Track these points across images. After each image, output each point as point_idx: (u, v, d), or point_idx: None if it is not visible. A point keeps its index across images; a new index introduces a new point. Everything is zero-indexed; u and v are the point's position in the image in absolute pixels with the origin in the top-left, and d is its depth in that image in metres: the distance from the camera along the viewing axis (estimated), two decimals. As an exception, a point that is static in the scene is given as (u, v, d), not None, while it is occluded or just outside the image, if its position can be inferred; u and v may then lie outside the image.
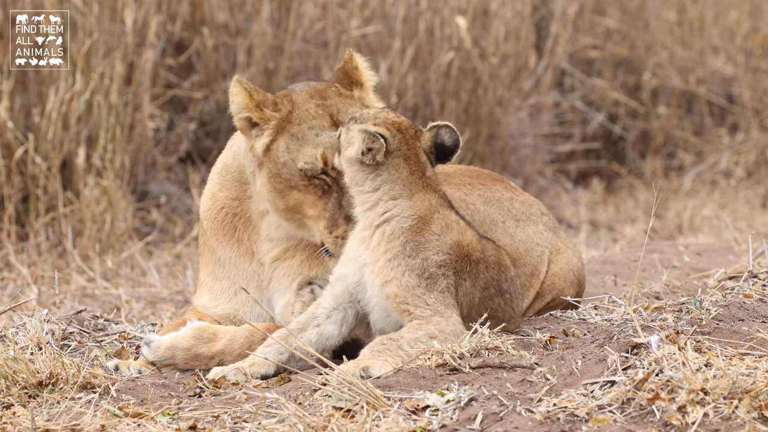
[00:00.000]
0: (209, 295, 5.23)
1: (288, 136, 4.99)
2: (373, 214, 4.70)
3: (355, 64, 5.16)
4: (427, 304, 4.61)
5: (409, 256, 4.63)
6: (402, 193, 4.70)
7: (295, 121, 4.99)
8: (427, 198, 4.71)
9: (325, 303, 4.75)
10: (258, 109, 5.00)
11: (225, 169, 5.23)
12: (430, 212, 4.69)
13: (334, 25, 9.61)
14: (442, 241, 4.66)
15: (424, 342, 4.58)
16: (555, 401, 4.16)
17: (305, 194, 4.98)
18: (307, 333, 4.71)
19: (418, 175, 4.72)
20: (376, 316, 4.70)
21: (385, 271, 4.62)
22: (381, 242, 4.66)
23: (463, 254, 4.68)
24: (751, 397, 4.02)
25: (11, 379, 4.59)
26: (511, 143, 10.39)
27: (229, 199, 5.21)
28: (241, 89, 5.01)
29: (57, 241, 8.30)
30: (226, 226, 5.21)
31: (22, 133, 8.35)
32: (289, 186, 4.98)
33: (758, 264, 5.97)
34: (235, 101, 5.03)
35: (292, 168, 4.97)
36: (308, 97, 5.04)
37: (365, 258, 4.68)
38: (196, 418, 4.35)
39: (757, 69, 11.65)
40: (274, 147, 4.99)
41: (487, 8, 10.22)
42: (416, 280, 4.61)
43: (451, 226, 4.70)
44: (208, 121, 9.56)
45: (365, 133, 4.65)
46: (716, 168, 11.39)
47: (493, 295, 4.77)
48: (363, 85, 5.15)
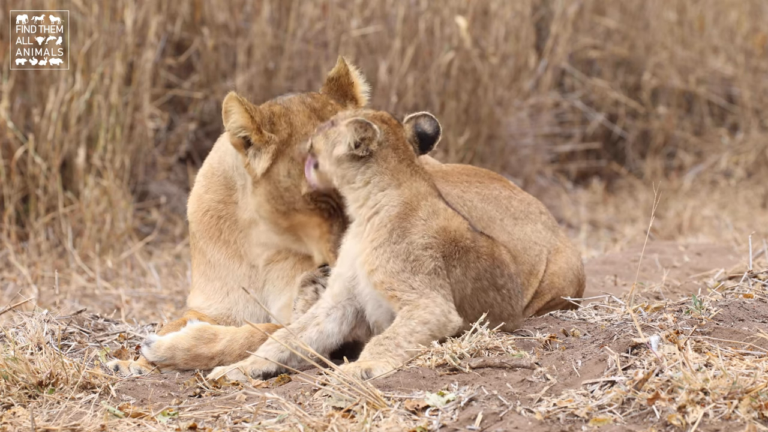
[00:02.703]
0: (202, 296, 5.22)
1: (288, 161, 4.93)
2: (365, 209, 4.71)
3: (351, 79, 5.08)
4: (413, 287, 4.60)
5: (394, 242, 4.64)
6: (391, 182, 4.71)
7: (294, 145, 4.94)
8: (415, 186, 4.72)
9: (324, 303, 4.76)
10: (258, 131, 4.91)
11: (211, 172, 5.20)
12: (417, 199, 4.70)
13: (334, 25, 9.61)
14: (428, 225, 4.67)
15: (419, 331, 4.57)
16: (555, 401, 4.17)
17: (310, 216, 4.94)
18: (308, 332, 4.71)
19: (407, 164, 4.74)
20: (370, 308, 4.70)
21: (371, 260, 4.63)
22: (370, 233, 4.67)
23: (450, 239, 4.68)
24: (751, 397, 4.02)
25: (11, 379, 4.59)
26: (511, 143, 10.39)
27: (214, 201, 5.18)
28: (241, 108, 4.89)
29: (57, 241, 8.30)
30: (212, 228, 5.19)
31: (22, 133, 8.35)
32: (292, 208, 4.94)
33: (758, 264, 5.97)
34: (233, 119, 4.92)
35: (295, 192, 4.93)
36: (306, 118, 4.97)
37: (357, 251, 4.69)
38: (196, 418, 4.36)
39: (757, 69, 11.65)
40: (274, 170, 4.93)
41: (487, 8, 10.22)
42: (401, 265, 4.61)
43: (438, 213, 4.70)
44: (208, 121, 9.56)
45: (355, 124, 4.66)
46: (716, 168, 11.39)
47: (486, 288, 4.75)
48: (358, 101, 5.09)
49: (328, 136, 4.74)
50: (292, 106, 5.01)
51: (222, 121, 5.00)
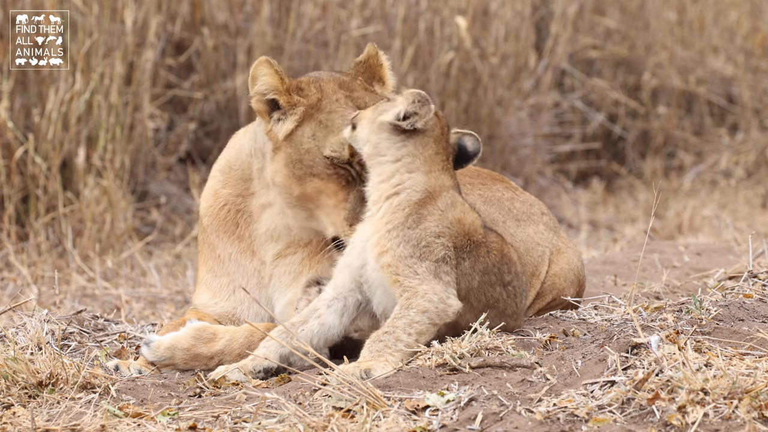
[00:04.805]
0: (208, 292, 5.22)
1: (315, 123, 4.96)
2: (387, 185, 4.71)
3: (380, 60, 5.14)
4: (417, 273, 4.59)
5: (409, 227, 4.64)
6: (420, 167, 4.71)
7: (324, 109, 4.97)
8: (442, 178, 4.73)
9: (325, 294, 4.76)
10: (287, 93, 4.97)
11: (228, 167, 5.22)
12: (440, 190, 4.70)
13: (334, 25, 9.61)
14: (444, 215, 4.67)
15: (418, 321, 4.56)
16: (555, 401, 4.17)
17: (327, 182, 4.95)
18: (309, 324, 4.71)
19: (441, 158, 4.75)
20: (378, 296, 4.68)
21: (382, 242, 4.63)
22: (386, 214, 4.67)
23: (463, 231, 4.69)
24: (751, 397, 4.02)
25: (11, 379, 4.59)
26: (511, 143, 10.39)
27: (232, 195, 5.20)
28: (272, 71, 4.96)
29: (57, 241, 8.30)
30: (228, 222, 5.20)
31: (22, 133, 8.35)
32: (310, 173, 4.95)
33: (758, 264, 5.97)
34: (263, 81, 4.98)
35: (316, 155, 4.94)
36: (337, 87, 5.02)
37: (369, 233, 4.69)
38: (196, 418, 4.35)
39: (757, 69, 11.65)
40: (298, 132, 4.96)
41: (487, 8, 10.22)
42: (411, 250, 4.61)
43: (456, 205, 4.72)
44: (208, 121, 9.56)
45: (415, 95, 4.67)
46: (716, 168, 11.40)
47: (494, 283, 4.76)
48: (385, 82, 5.15)
49: (379, 106, 4.75)
50: (323, 76, 5.08)
51: (222, 121, 5.00)
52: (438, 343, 4.61)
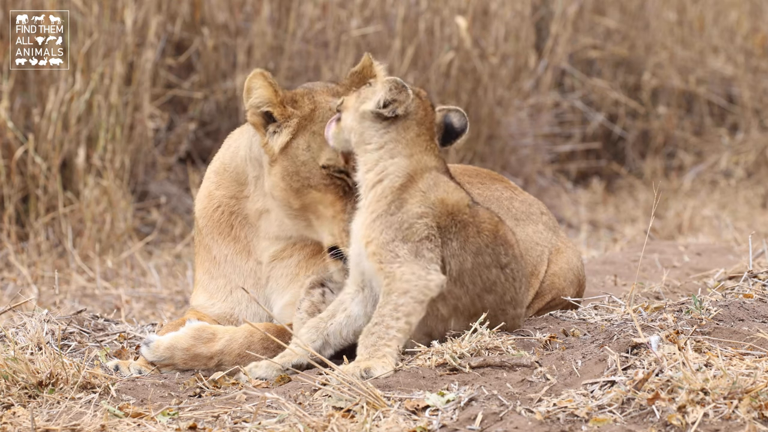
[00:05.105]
0: (205, 294, 5.22)
1: (309, 134, 4.97)
2: (372, 174, 4.72)
3: (375, 71, 5.14)
4: (398, 255, 4.59)
5: (391, 214, 4.64)
6: (402, 152, 4.72)
7: (317, 120, 4.97)
8: (424, 160, 4.73)
9: (348, 288, 4.76)
10: (281, 105, 4.97)
11: (223, 168, 5.22)
12: (421, 171, 4.70)
13: (334, 25, 9.61)
14: (426, 196, 4.67)
15: (402, 303, 4.54)
16: (555, 401, 4.17)
17: (324, 194, 4.95)
18: (337, 318, 4.72)
19: (424, 138, 4.75)
20: (375, 284, 4.68)
21: (368, 232, 4.64)
22: (371, 203, 4.69)
23: (446, 211, 4.68)
24: (751, 397, 4.02)
25: (11, 379, 4.59)
26: (511, 143, 10.40)
27: (226, 197, 5.20)
28: (266, 83, 4.96)
29: (57, 241, 8.30)
30: (222, 224, 5.20)
31: (22, 133, 8.35)
32: (307, 185, 4.95)
33: (758, 264, 5.97)
34: (258, 94, 4.98)
35: (313, 166, 4.95)
36: (330, 97, 5.03)
37: (359, 224, 4.70)
38: (196, 418, 4.36)
39: (757, 69, 11.65)
40: (293, 145, 4.97)
41: (487, 8, 10.22)
42: (393, 234, 4.61)
43: (439, 185, 4.70)
44: (208, 121, 9.56)
45: (392, 83, 4.69)
46: (716, 168, 11.40)
47: (489, 265, 4.72)
48: None
49: (361, 94, 4.76)
50: (316, 87, 5.09)
51: (222, 122, 5.01)
52: (438, 342, 4.61)
